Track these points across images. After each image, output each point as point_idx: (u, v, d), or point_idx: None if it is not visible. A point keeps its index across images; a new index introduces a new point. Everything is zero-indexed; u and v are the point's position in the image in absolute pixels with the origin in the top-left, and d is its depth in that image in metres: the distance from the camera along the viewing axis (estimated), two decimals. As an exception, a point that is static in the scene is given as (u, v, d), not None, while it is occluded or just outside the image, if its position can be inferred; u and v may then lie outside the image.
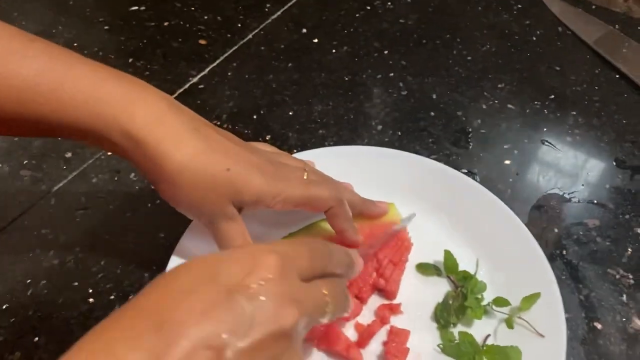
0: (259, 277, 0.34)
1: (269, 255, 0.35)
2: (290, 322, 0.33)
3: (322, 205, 0.57)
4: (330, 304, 0.40)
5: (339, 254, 0.45)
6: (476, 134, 0.81)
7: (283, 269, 0.35)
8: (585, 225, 0.70)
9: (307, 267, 0.39)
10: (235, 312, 0.32)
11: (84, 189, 0.74)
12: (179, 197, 0.53)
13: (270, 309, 0.33)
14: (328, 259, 0.42)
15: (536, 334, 0.56)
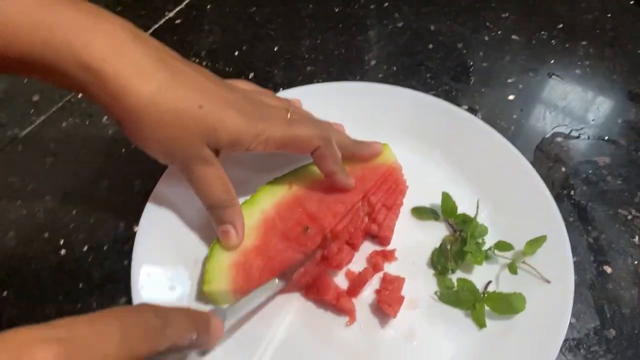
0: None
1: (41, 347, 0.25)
2: None
3: (307, 145, 0.52)
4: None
5: (178, 326, 0.35)
6: (477, 67, 0.75)
7: None
8: (595, 163, 0.65)
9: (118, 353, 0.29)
10: None
11: (53, 134, 0.69)
12: (145, 137, 0.47)
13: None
14: (158, 334, 0.33)
15: (541, 279, 0.52)
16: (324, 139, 0.52)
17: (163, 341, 0.33)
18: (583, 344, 0.52)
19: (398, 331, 0.52)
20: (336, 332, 0.52)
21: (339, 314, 0.53)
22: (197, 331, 0.38)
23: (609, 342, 0.52)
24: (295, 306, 0.53)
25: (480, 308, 0.51)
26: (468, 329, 0.51)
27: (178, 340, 0.35)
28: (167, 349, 0.33)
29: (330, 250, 0.53)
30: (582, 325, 0.53)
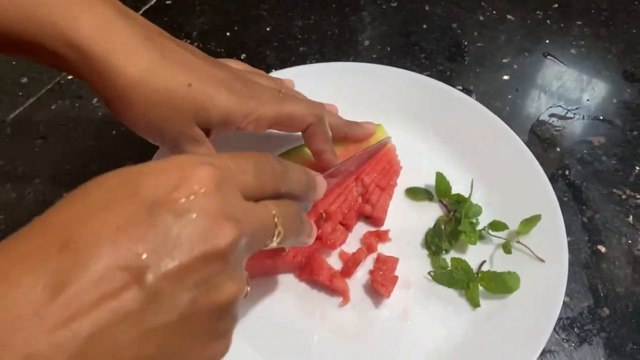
0: (188, 191, 0.28)
1: (202, 166, 0.30)
2: (225, 242, 0.28)
3: (299, 122, 0.51)
4: (280, 226, 0.35)
5: (295, 173, 0.39)
6: (472, 47, 0.74)
7: (219, 183, 0.30)
8: (589, 143, 0.64)
9: (253, 185, 0.33)
10: (158, 230, 0.27)
11: (42, 116, 0.67)
12: (134, 117, 0.46)
13: (201, 225, 0.28)
14: (281, 177, 0.37)
15: (535, 259, 0.52)
16: (316, 116, 0.52)
17: (284, 184, 0.37)
18: (577, 323, 0.52)
19: (392, 311, 0.51)
20: (330, 312, 0.51)
21: (332, 294, 0.52)
22: (309, 183, 0.41)
23: (602, 320, 0.51)
24: (288, 287, 0.53)
25: (474, 287, 0.51)
26: (462, 309, 0.51)
27: (295, 187, 0.38)
28: (285, 193, 0.37)
29: (324, 230, 0.52)
30: (575, 304, 0.53)
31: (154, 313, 0.26)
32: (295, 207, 0.38)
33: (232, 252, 0.29)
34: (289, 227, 0.36)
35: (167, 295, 0.26)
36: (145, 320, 0.26)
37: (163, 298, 0.26)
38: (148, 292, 0.26)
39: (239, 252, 0.30)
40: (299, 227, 0.39)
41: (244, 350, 0.49)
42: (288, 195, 0.37)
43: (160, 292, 0.26)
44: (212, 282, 0.28)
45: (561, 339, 0.51)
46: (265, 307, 0.52)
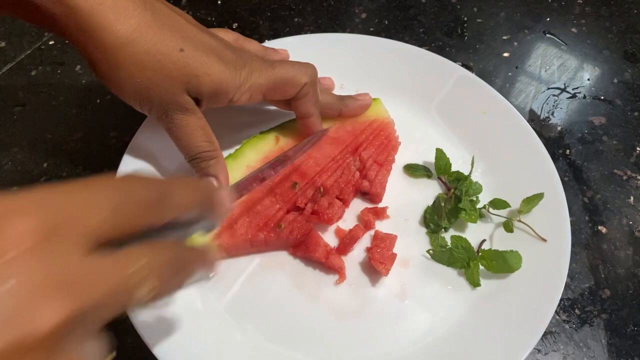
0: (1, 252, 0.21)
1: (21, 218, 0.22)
2: (48, 324, 0.21)
3: (293, 85, 0.49)
4: (150, 283, 0.25)
5: (182, 194, 0.29)
6: (472, 23, 0.72)
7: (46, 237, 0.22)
8: (590, 122, 0.63)
9: (109, 225, 0.24)
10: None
11: (21, 82, 0.64)
12: (120, 80, 0.44)
13: (14, 303, 0.20)
14: (158, 206, 0.27)
15: (537, 238, 0.50)
16: (309, 76, 0.50)
17: (164, 211, 0.28)
18: (577, 304, 0.50)
19: (389, 290, 0.50)
20: (325, 290, 0.49)
21: (327, 272, 0.50)
22: (202, 202, 0.31)
23: (603, 302, 0.50)
24: (282, 264, 0.51)
25: (475, 266, 0.49)
26: (461, 289, 0.50)
27: (183, 210, 0.29)
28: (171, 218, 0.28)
29: (320, 205, 0.50)
30: (576, 285, 0.51)
31: None
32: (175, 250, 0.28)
33: (63, 334, 0.22)
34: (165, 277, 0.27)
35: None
36: None
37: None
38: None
39: (76, 332, 0.22)
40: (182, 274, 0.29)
41: (234, 327, 0.47)
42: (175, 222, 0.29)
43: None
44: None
45: (562, 320, 0.49)
46: (258, 285, 0.49)
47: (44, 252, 0.22)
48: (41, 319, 0.21)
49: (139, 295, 0.25)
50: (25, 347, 0.20)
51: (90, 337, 0.24)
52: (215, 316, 0.47)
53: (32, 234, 0.22)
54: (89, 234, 0.23)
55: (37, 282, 0.21)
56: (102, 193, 0.25)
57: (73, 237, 0.23)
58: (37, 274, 0.21)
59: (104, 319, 0.24)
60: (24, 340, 0.20)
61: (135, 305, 0.25)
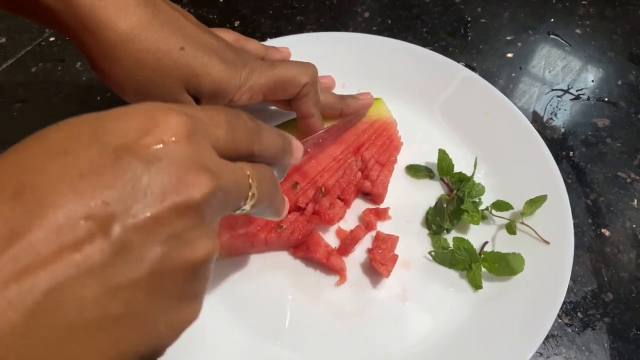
0: (158, 138, 0.25)
1: (173, 113, 0.26)
2: (200, 193, 0.25)
3: (293, 85, 0.49)
4: (254, 188, 0.32)
5: (269, 133, 0.35)
6: (475, 23, 0.72)
7: (191, 133, 0.27)
8: (594, 124, 0.63)
9: (226, 140, 0.30)
10: (126, 178, 0.24)
11: (21, 79, 0.63)
12: (120, 78, 0.43)
13: (174, 175, 0.25)
14: (254, 135, 0.33)
15: (540, 240, 0.50)
16: (309, 76, 0.49)
17: (258, 143, 0.33)
18: (580, 307, 0.50)
19: (390, 292, 0.49)
20: (325, 291, 0.49)
21: (328, 273, 0.50)
22: (284, 145, 0.37)
23: (606, 305, 0.50)
24: (283, 264, 0.50)
25: (477, 269, 0.49)
26: (463, 291, 0.49)
27: (269, 148, 0.35)
28: (259, 154, 0.33)
29: (322, 205, 0.50)
30: (579, 288, 0.51)
31: (120, 268, 0.23)
32: (269, 171, 0.35)
33: (207, 205, 0.26)
34: (263, 190, 0.33)
35: (136, 249, 0.23)
36: (111, 276, 0.23)
37: (131, 252, 0.23)
38: (114, 245, 0.23)
39: (213, 208, 0.27)
40: (273, 193, 0.36)
41: (234, 326, 0.47)
42: (262, 157, 0.34)
43: (128, 245, 0.23)
44: (185, 238, 0.25)
45: (564, 323, 0.49)
46: (258, 284, 0.49)
47: (192, 143, 0.26)
48: (195, 189, 0.25)
49: (249, 194, 0.31)
50: (186, 208, 0.25)
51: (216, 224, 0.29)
52: (215, 316, 0.47)
53: (182, 128, 0.26)
54: (215, 141, 0.29)
55: (191, 161, 0.26)
56: (220, 113, 0.30)
57: (207, 139, 0.28)
58: (191, 155, 0.26)
59: (226, 209, 0.30)
60: (185, 202, 0.25)
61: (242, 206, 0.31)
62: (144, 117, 0.26)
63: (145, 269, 0.24)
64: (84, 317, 0.22)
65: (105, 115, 0.26)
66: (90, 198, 0.23)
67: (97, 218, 0.22)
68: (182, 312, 0.27)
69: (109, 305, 0.23)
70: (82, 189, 0.23)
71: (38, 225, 0.22)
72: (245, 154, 0.32)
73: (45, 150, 0.24)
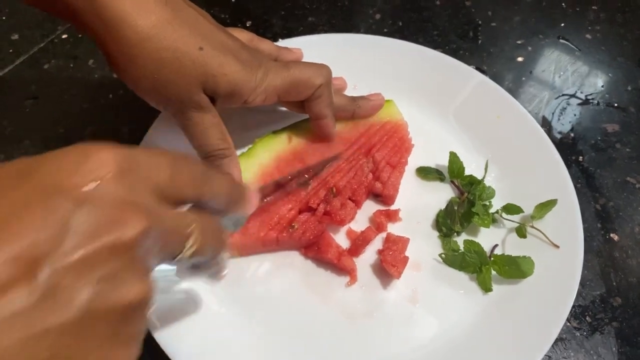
0: (91, 176, 0.25)
1: (107, 152, 0.26)
2: (131, 232, 0.25)
3: (308, 86, 0.49)
4: (194, 237, 0.30)
5: (220, 181, 0.35)
6: (486, 27, 0.72)
7: (125, 172, 0.26)
8: (604, 129, 0.63)
9: (167, 185, 0.29)
10: (55, 217, 0.23)
11: (34, 75, 0.64)
12: (138, 76, 0.43)
13: (105, 214, 0.24)
14: (201, 182, 0.32)
15: (550, 244, 0.50)
16: (324, 77, 0.50)
17: (205, 191, 0.32)
18: (589, 311, 0.50)
19: (400, 293, 0.50)
20: (336, 292, 0.49)
21: (339, 273, 0.50)
22: (236, 194, 0.37)
23: (614, 309, 0.50)
24: (293, 264, 0.51)
25: (487, 271, 0.49)
26: (473, 293, 0.50)
27: (218, 197, 0.34)
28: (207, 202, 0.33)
29: (333, 206, 0.50)
30: (587, 292, 0.51)
31: (48, 311, 0.22)
32: (215, 223, 0.34)
33: (140, 246, 0.26)
34: (204, 241, 0.31)
35: (64, 292, 0.23)
36: (36, 321, 0.22)
37: (59, 294, 0.23)
38: (41, 288, 0.22)
39: (147, 250, 0.27)
40: (216, 246, 0.34)
41: (244, 324, 0.47)
42: (210, 205, 0.33)
43: (56, 287, 0.23)
44: (117, 279, 0.25)
45: (573, 327, 0.49)
46: (269, 284, 0.49)
47: (126, 182, 0.26)
48: (127, 227, 0.25)
49: (188, 244, 0.30)
50: (118, 248, 0.24)
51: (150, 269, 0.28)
52: (226, 314, 0.47)
53: (116, 166, 0.26)
54: (155, 184, 0.28)
55: (124, 200, 0.25)
56: (163, 157, 0.29)
57: (146, 181, 0.27)
58: (124, 194, 0.25)
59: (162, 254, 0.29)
60: (114, 241, 0.24)
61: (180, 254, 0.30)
62: (76, 156, 0.25)
63: (73, 312, 0.23)
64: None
65: (38, 157, 0.26)
66: (17, 239, 0.22)
67: (24, 260, 0.22)
68: (117, 357, 0.26)
69: (34, 351, 0.22)
70: (8, 230, 0.22)
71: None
72: (192, 201, 0.32)
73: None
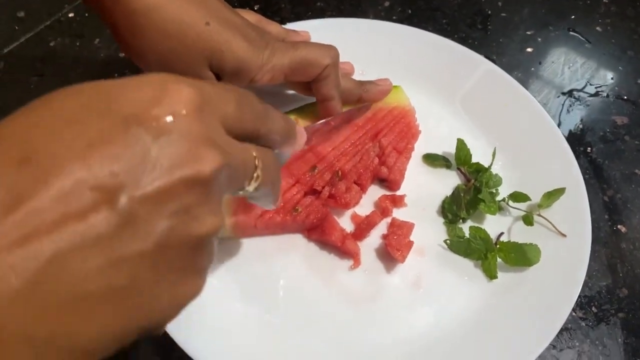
0: (169, 110, 0.25)
1: (184, 86, 0.26)
2: (209, 168, 0.25)
3: (316, 66, 0.48)
4: (260, 170, 0.31)
5: (276, 117, 0.35)
6: (496, 17, 0.71)
7: (201, 107, 0.26)
8: (613, 122, 0.62)
9: (234, 118, 0.29)
10: (135, 149, 0.23)
11: (39, 53, 0.63)
12: (143, 48, 0.43)
13: (184, 148, 0.24)
14: (262, 116, 0.33)
15: (556, 233, 0.50)
16: (331, 58, 0.49)
17: (264, 124, 0.33)
18: (594, 302, 0.50)
19: (404, 278, 0.49)
20: (339, 275, 0.49)
21: (342, 257, 0.50)
22: (289, 130, 0.38)
23: (620, 301, 0.50)
24: (297, 247, 0.50)
25: (492, 258, 0.48)
26: (477, 280, 0.49)
27: (275, 131, 0.35)
28: (264, 136, 0.33)
29: (338, 189, 0.50)
30: (594, 282, 0.51)
31: (126, 239, 0.23)
32: (274, 156, 0.35)
33: (215, 181, 0.26)
34: (267, 173, 0.32)
35: (143, 221, 0.23)
36: (116, 247, 0.22)
37: (138, 224, 0.23)
38: (121, 216, 0.22)
39: (220, 184, 0.27)
40: (276, 178, 0.35)
41: (245, 307, 0.46)
42: (267, 139, 0.34)
43: (135, 216, 0.23)
44: (193, 212, 0.25)
45: (578, 317, 0.49)
46: (272, 265, 0.49)
47: (202, 117, 0.26)
48: (204, 163, 0.25)
49: (254, 175, 0.31)
50: (195, 183, 0.25)
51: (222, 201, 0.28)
52: (228, 294, 0.47)
53: (193, 101, 0.26)
54: (224, 117, 0.28)
55: (201, 135, 0.25)
56: (230, 92, 0.30)
57: (217, 115, 0.28)
58: (201, 130, 0.25)
59: (232, 187, 0.30)
60: (194, 176, 0.25)
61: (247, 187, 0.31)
62: (155, 88, 0.25)
63: (151, 241, 0.24)
64: (87, 287, 0.22)
65: (116, 83, 0.26)
66: (98, 168, 0.22)
67: (104, 188, 0.22)
68: (186, 287, 0.27)
69: (112, 277, 0.23)
70: (90, 158, 0.22)
71: (44, 192, 0.21)
72: (252, 135, 0.32)
73: (54, 117, 0.24)
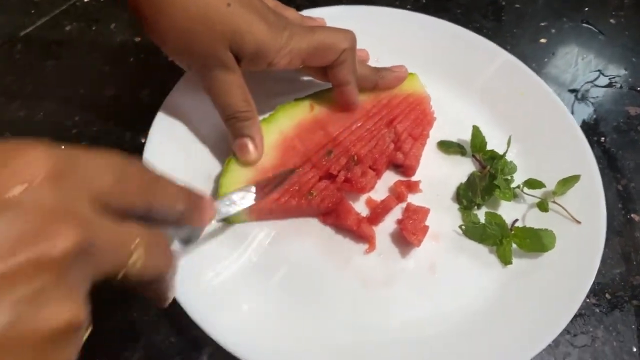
0: (18, 178, 0.22)
1: (39, 150, 0.23)
2: (61, 246, 0.22)
3: (333, 50, 0.49)
4: (138, 255, 0.26)
5: (169, 190, 0.31)
6: (510, 7, 0.71)
7: (61, 176, 0.23)
8: (626, 112, 0.62)
9: (112, 192, 0.26)
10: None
11: (55, 36, 0.63)
12: (164, 28, 0.43)
13: (31, 222, 0.21)
14: (151, 191, 0.29)
15: (571, 220, 0.50)
16: (349, 42, 0.49)
17: (155, 199, 0.29)
18: (608, 289, 0.50)
19: (418, 263, 0.49)
20: (354, 259, 0.49)
21: (357, 241, 0.50)
22: (188, 203, 0.33)
23: (634, 288, 0.50)
24: (312, 231, 0.50)
25: (508, 244, 0.49)
26: (492, 266, 0.49)
27: (169, 206, 0.31)
28: (157, 211, 0.29)
29: (354, 173, 0.50)
30: (607, 270, 0.51)
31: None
32: (165, 241, 0.30)
33: (71, 262, 0.22)
34: (150, 260, 0.27)
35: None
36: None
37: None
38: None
39: (80, 267, 0.23)
40: (162, 267, 0.30)
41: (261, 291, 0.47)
42: (160, 214, 0.30)
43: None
44: (42, 299, 0.21)
45: (592, 303, 0.49)
46: (287, 249, 0.49)
47: (61, 187, 0.23)
48: (57, 240, 0.22)
49: (131, 261, 0.26)
50: (41, 265, 0.21)
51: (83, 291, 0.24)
52: (242, 279, 0.47)
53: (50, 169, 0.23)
54: (96, 191, 0.25)
55: (56, 208, 0.22)
56: (108, 159, 0.26)
57: (85, 187, 0.24)
58: (57, 202, 0.23)
59: (97, 272, 0.25)
60: (41, 256, 0.21)
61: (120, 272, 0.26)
62: (2, 154, 0.23)
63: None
64: None
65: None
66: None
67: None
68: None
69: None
70: None
71: None
72: (139, 211, 0.28)
73: None
